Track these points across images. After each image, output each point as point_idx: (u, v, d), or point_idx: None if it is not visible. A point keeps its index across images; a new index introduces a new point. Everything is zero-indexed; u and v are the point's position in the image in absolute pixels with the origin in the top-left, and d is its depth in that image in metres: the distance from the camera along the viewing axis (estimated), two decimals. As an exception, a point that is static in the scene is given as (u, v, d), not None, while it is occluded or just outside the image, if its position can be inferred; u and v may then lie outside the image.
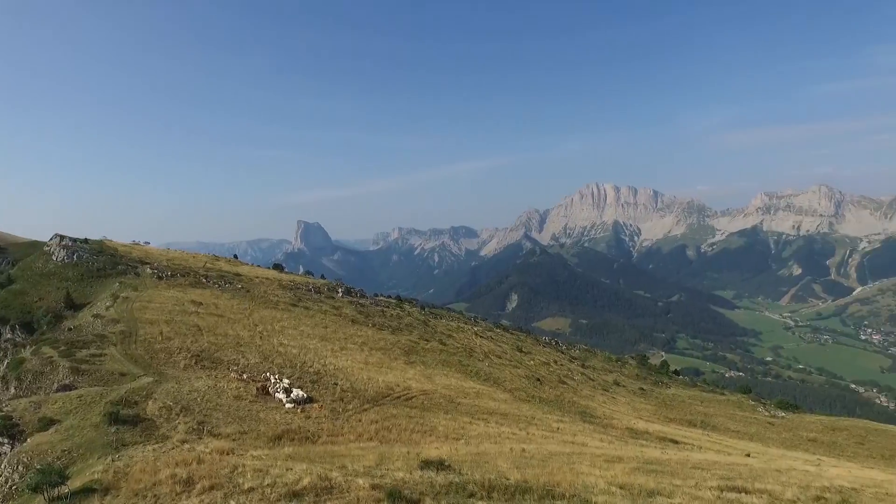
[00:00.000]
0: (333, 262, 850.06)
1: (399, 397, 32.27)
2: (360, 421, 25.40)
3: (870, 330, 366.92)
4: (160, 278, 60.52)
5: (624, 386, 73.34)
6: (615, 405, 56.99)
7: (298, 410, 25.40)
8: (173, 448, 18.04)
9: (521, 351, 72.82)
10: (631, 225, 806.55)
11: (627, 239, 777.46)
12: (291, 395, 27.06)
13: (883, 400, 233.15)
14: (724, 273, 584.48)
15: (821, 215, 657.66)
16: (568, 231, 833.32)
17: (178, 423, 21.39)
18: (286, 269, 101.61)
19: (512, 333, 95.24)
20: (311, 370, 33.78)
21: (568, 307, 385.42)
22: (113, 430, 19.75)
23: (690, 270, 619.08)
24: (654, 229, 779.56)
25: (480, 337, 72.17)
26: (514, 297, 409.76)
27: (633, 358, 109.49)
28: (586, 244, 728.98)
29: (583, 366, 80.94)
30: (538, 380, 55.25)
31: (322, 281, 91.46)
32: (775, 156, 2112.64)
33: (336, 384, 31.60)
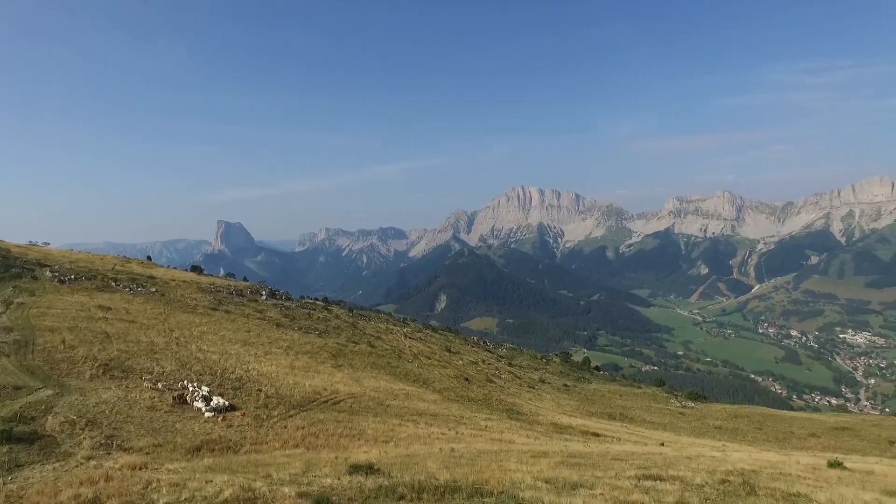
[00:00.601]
0: (257, 263, 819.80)
1: (326, 401, 31.60)
2: (285, 427, 24.60)
3: (766, 324, 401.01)
4: (62, 282, 55.77)
5: (549, 383, 75.75)
6: (541, 402, 58.75)
7: (219, 419, 24.23)
8: (77, 466, 16.66)
9: (449, 351, 73.41)
10: (555, 227, 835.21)
11: (551, 240, 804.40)
12: (211, 403, 25.77)
13: (777, 388, 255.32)
14: (641, 273, 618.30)
15: (724, 219, 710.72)
16: (495, 232, 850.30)
17: (83, 438, 19.76)
18: (205, 272, 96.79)
19: (441, 334, 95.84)
20: (232, 377, 32.36)
21: (495, 307, 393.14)
22: (5, 451, 17.94)
23: (610, 270, 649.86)
24: (577, 231, 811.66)
25: (410, 338, 72.08)
26: (443, 297, 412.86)
27: (557, 355, 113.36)
28: (513, 245, 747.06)
29: (509, 364, 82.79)
30: (467, 379, 55.92)
31: (245, 283, 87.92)
32: (686, 163, 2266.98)
33: (260, 390, 30.46)
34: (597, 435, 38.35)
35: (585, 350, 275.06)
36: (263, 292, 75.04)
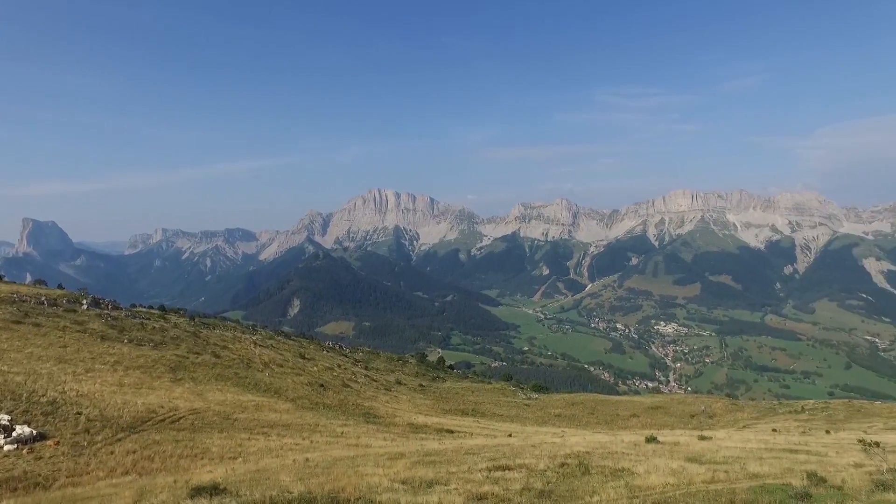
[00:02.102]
0: (76, 268, 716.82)
1: (164, 420, 28.63)
2: (112, 453, 21.79)
3: (597, 319, 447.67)
4: None
5: (405, 384, 76.67)
6: (397, 403, 59.23)
7: (24, 451, 20.69)
8: None
9: (304, 357, 70.86)
10: (411, 230, 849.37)
11: (407, 243, 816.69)
12: (14, 433, 21.90)
13: (606, 375, 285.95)
14: (490, 274, 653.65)
15: (563, 224, 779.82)
16: (352, 235, 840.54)
17: None
18: (6, 278, 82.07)
19: (294, 340, 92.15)
20: (43, 400, 27.86)
21: (352, 310, 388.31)
22: None
23: (462, 272, 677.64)
24: (431, 234, 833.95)
25: (260, 346, 68.20)
26: (297, 302, 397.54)
27: (413, 356, 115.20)
28: (369, 248, 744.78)
29: (366, 368, 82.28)
30: (322, 386, 54.41)
31: (60, 291, 76.11)
32: (530, 171, 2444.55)
33: (80, 413, 26.61)
34: (451, 432, 39.67)
35: (440, 350, 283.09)
36: (84, 301, 65.71)
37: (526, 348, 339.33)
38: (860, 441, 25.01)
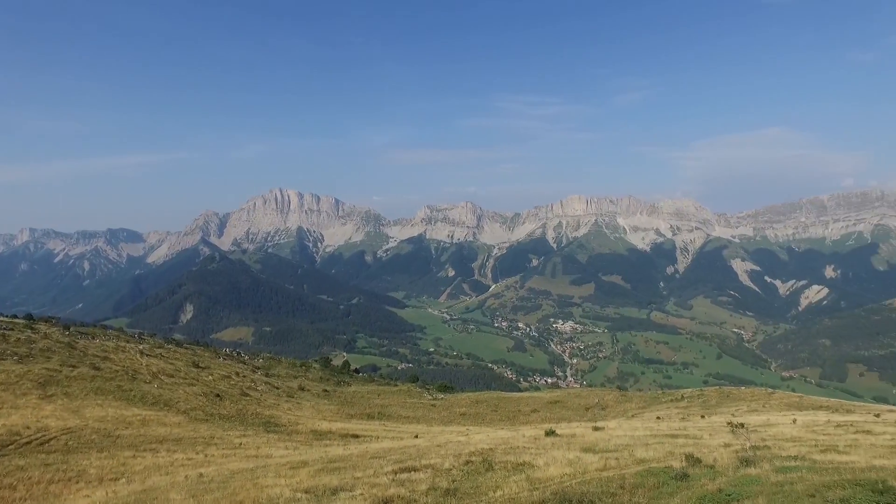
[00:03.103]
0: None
1: (29, 442, 25.61)
2: (-36, 484, 19.15)
3: (500, 318, 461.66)
4: None
5: (309, 390, 74.43)
6: (300, 410, 57.33)
7: None
8: None
9: (198, 366, 66.56)
10: (315, 231, 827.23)
11: (311, 245, 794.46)
12: None
13: (509, 373, 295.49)
14: (397, 276, 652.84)
15: (468, 226, 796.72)
16: (251, 236, 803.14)
17: None
18: None
19: (187, 348, 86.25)
20: None
21: (251, 315, 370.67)
22: None
23: (368, 274, 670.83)
24: (336, 236, 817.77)
25: (147, 356, 63.11)
26: (190, 307, 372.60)
27: (317, 361, 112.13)
28: (270, 250, 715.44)
29: (267, 374, 78.91)
30: (218, 395, 51.41)
31: None
32: (436, 174, 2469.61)
33: (-78, 441, 23.13)
34: (356, 436, 39.06)
35: (345, 354, 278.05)
36: (-71, 311, 57.17)
37: (432, 349, 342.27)
38: (729, 423, 27.88)
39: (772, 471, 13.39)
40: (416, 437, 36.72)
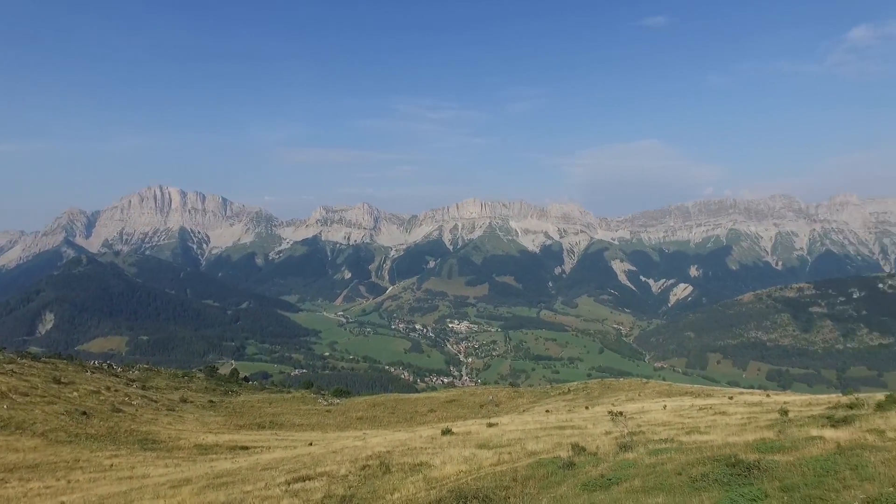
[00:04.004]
0: None
1: None
2: None
3: (397, 320, 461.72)
4: None
5: (192, 402, 69.46)
6: (183, 424, 53.33)
7: None
8: None
9: (59, 382, 59.54)
10: (200, 232, 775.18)
11: (196, 246, 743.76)
12: None
13: (406, 374, 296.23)
14: (290, 279, 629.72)
15: (364, 228, 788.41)
16: (126, 237, 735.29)
17: None
18: None
19: (47, 362, 76.82)
20: None
21: (125, 323, 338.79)
22: None
23: (259, 277, 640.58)
24: (224, 237, 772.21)
25: (-4, 372, 55.35)
26: (50, 316, 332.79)
27: (201, 371, 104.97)
28: (148, 252, 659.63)
29: (144, 387, 72.53)
30: (85, 413, 46.38)
31: None
32: (333, 174, 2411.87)
33: None
34: (246, 448, 37.10)
35: (234, 361, 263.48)
36: None
37: (327, 353, 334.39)
38: (609, 413, 30.07)
39: (646, 454, 14.62)
40: (311, 444, 35.64)
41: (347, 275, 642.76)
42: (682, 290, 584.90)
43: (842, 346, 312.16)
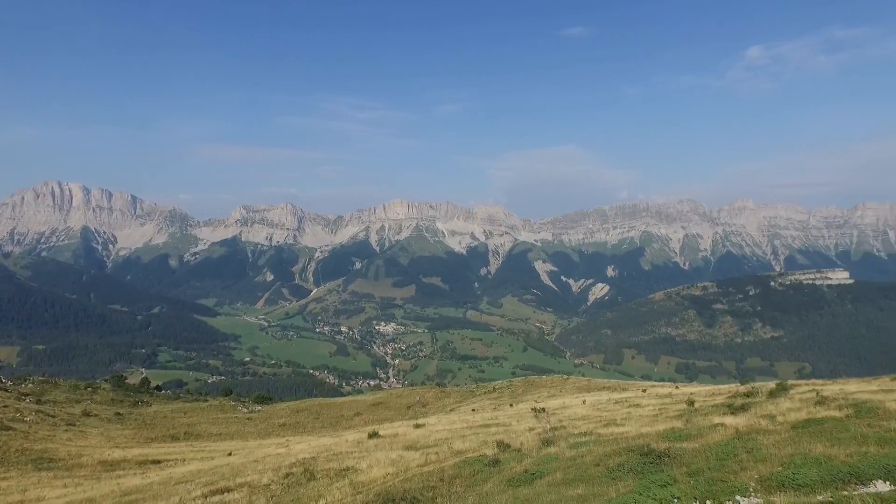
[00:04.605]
0: None
1: None
2: None
3: (322, 323, 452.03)
4: None
5: (97, 415, 64.43)
6: (85, 439, 49.34)
7: None
8: None
9: (-63, 399, 53.36)
10: (105, 232, 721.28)
11: (101, 248, 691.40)
12: None
13: (331, 378, 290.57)
14: (207, 282, 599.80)
15: (288, 229, 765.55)
16: (18, 237, 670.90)
17: None
18: None
19: (-80, 377, 68.65)
20: None
21: (16, 332, 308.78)
22: None
23: (173, 280, 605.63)
24: (133, 237, 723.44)
25: None
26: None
27: (107, 381, 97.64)
28: (45, 253, 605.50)
29: (39, 401, 66.46)
30: (-32, 432, 41.86)
31: None
32: (254, 173, 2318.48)
33: None
34: (158, 462, 34.91)
35: (144, 370, 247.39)
36: None
37: (248, 359, 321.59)
38: (532, 409, 30.97)
39: (567, 447, 15.20)
40: (230, 454, 34.13)
41: (270, 277, 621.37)
42: (599, 290, 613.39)
43: (740, 339, 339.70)
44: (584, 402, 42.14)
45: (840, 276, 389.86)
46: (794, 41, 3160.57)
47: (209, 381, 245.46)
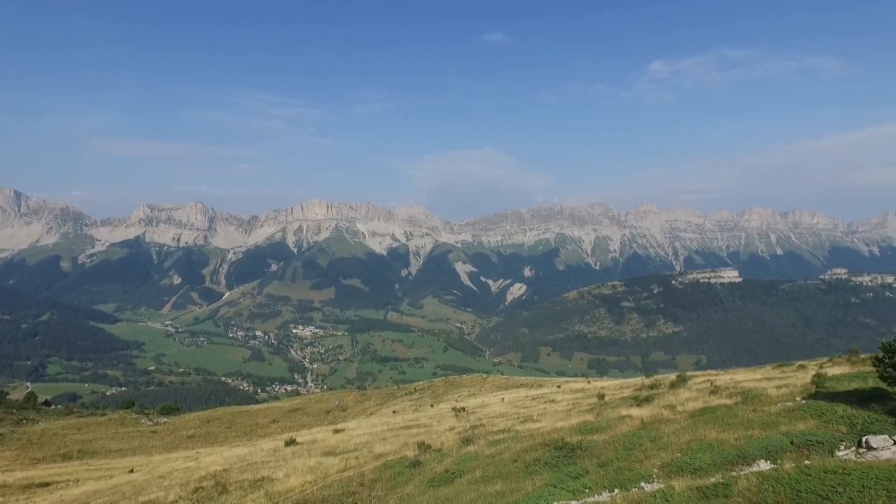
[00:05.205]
0: None
1: None
2: None
3: (235, 328, 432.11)
4: None
5: (-28, 435, 57.76)
6: (-43, 464, 44.05)
7: None
8: None
9: None
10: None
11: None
12: None
13: (245, 385, 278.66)
14: (106, 286, 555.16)
15: (197, 229, 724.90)
16: None
17: None
18: None
19: None
20: None
21: None
22: None
23: (66, 284, 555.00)
24: (18, 237, 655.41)
25: None
26: None
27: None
28: None
29: None
30: None
31: None
32: (160, 169, 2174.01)
33: None
34: (47, 484, 31.82)
35: (30, 384, 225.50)
36: None
37: (153, 367, 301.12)
38: (453, 409, 31.36)
39: (486, 445, 15.52)
40: (132, 471, 31.79)
41: (177, 280, 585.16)
42: (517, 290, 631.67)
43: (646, 335, 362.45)
44: (502, 399, 43.21)
45: (731, 276, 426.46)
46: (692, 58, 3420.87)
47: (108, 394, 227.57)
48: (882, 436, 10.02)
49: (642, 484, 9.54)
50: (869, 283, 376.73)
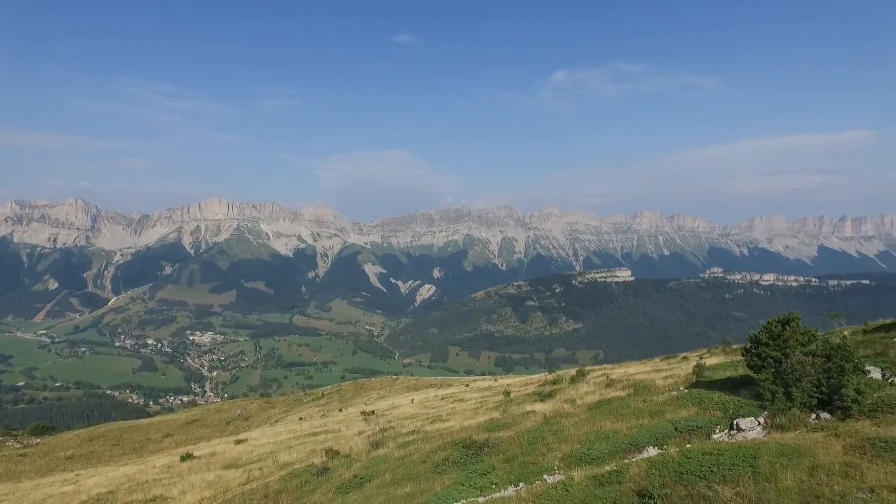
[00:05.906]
0: None
1: None
2: None
3: (123, 336, 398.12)
4: None
5: None
6: None
7: None
8: None
9: None
10: None
11: None
12: None
13: (135, 398, 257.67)
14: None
15: (78, 228, 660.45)
16: None
17: None
18: None
19: None
20: None
21: None
22: None
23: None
24: None
25: None
26: None
27: None
28: None
29: None
30: None
31: None
32: (31, 162, 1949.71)
33: None
34: None
35: None
36: None
37: (22, 383, 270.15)
38: (362, 412, 31.00)
39: (395, 448, 15.51)
40: (-2, 500, 28.30)
41: (53, 285, 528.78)
42: (427, 291, 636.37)
43: (549, 332, 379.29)
44: (412, 400, 43.36)
45: (624, 275, 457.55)
46: (591, 70, 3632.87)
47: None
48: (749, 418, 11.30)
49: (545, 476, 10.01)
50: (740, 281, 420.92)
